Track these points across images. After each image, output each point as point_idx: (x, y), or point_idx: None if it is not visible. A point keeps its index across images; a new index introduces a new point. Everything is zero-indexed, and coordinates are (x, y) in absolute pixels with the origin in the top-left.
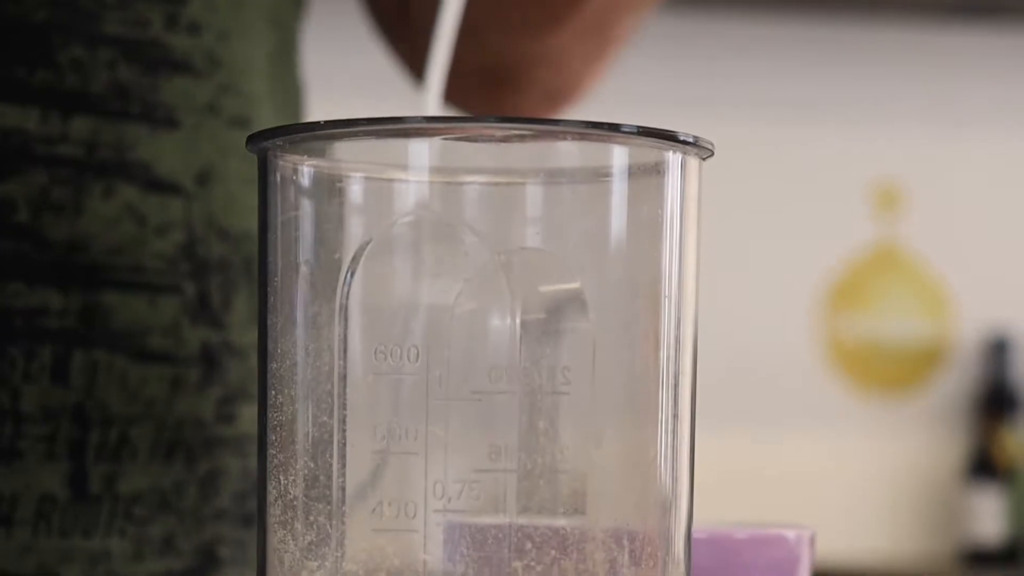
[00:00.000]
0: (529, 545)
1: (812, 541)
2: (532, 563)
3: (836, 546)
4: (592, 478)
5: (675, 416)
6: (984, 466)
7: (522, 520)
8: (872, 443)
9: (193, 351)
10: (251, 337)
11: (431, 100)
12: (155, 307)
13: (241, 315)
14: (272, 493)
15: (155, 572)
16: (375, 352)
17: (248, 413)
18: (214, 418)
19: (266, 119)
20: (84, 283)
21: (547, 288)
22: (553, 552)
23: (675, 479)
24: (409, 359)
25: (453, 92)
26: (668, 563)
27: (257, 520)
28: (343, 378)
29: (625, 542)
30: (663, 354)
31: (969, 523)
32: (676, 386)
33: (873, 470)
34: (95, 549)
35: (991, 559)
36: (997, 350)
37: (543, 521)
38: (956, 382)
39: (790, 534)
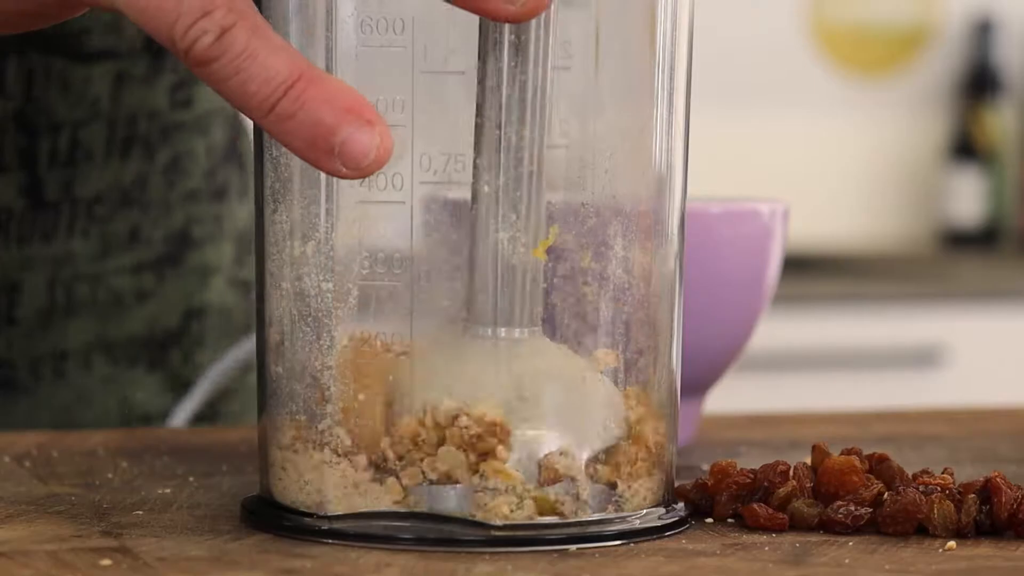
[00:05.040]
0: (514, 217)
1: (785, 215)
2: (517, 234)
3: (816, 226)
4: (586, 152)
5: (670, 92)
6: (965, 148)
7: (509, 192)
8: (855, 124)
9: (136, 44)
10: None
11: None
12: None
13: None
14: (266, 166)
15: (123, 266)
16: (362, 24)
17: (203, 94)
18: (169, 106)
19: None
20: None
21: None
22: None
23: (670, 153)
24: (395, 31)
25: None
26: (661, 237)
27: (254, 193)
28: (331, 50)
29: (618, 216)
30: (659, 30)
31: (948, 205)
32: (672, 62)
33: (855, 151)
34: (57, 253)
35: (969, 240)
36: (981, 32)
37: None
38: (940, 64)
39: (763, 208)
